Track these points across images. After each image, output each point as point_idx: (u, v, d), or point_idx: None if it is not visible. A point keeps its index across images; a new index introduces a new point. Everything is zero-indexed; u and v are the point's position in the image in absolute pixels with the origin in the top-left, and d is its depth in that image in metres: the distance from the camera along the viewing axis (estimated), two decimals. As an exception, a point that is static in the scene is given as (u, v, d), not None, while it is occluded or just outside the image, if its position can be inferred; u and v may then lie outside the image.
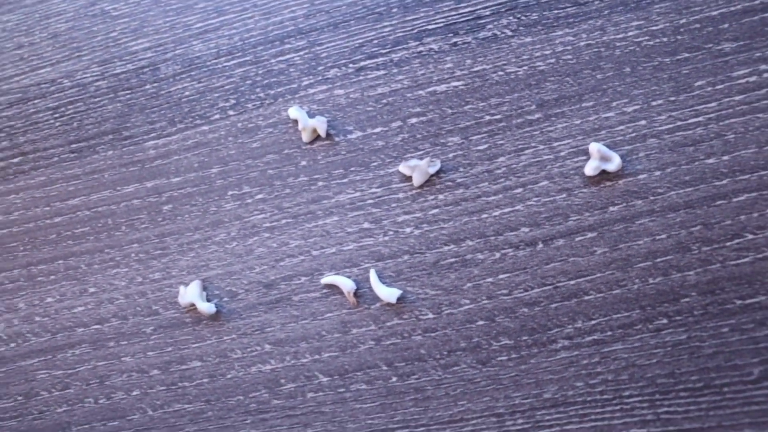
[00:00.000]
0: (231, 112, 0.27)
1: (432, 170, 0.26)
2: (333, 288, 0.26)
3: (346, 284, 0.25)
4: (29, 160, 0.28)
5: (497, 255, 0.25)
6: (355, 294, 0.26)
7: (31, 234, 0.28)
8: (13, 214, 0.28)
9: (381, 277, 0.26)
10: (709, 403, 0.24)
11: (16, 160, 0.29)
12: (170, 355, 0.27)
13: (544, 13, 0.26)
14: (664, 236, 0.25)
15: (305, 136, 0.27)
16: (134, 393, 0.27)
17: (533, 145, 0.26)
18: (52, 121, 0.28)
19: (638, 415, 0.24)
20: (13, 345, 0.28)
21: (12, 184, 0.28)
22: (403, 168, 0.26)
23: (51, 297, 0.28)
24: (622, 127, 0.25)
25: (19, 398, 0.28)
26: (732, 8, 0.25)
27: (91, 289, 0.28)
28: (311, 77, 0.27)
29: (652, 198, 0.25)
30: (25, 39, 0.29)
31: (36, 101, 0.29)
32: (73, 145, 0.28)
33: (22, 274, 0.28)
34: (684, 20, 0.26)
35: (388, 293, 0.25)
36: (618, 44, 0.26)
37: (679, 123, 0.25)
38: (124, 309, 0.27)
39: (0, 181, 0.28)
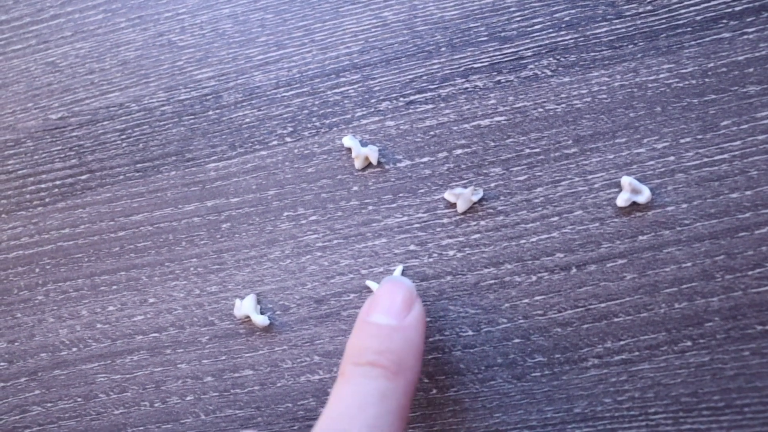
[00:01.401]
0: (288, 139, 0.33)
1: (475, 198, 0.31)
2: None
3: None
4: (96, 177, 0.34)
5: (533, 278, 0.30)
6: None
7: (96, 246, 0.33)
8: (80, 227, 0.34)
9: (423, 295, 0.30)
10: (730, 422, 0.28)
11: (84, 177, 0.34)
12: (224, 364, 0.32)
13: (582, 55, 0.31)
14: (689, 264, 0.29)
15: (357, 164, 0.32)
16: (188, 398, 0.32)
17: (569, 177, 0.30)
18: (119, 142, 0.34)
19: None
20: (75, 350, 0.33)
21: (79, 199, 0.34)
22: (448, 195, 0.31)
23: (112, 306, 0.33)
24: (652, 162, 0.30)
25: (79, 399, 0.33)
26: (757, 54, 0.30)
27: (151, 300, 0.33)
28: (364, 109, 0.32)
29: (679, 228, 0.29)
30: (96, 65, 0.35)
31: (105, 123, 0.34)
32: (139, 165, 0.33)
33: (86, 284, 0.33)
34: (712, 64, 0.30)
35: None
36: (650, 85, 0.31)
37: (705, 159, 0.30)
38: (181, 319, 0.32)
39: (68, 197, 0.34)
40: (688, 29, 0.30)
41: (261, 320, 0.31)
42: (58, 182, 0.34)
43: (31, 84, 0.35)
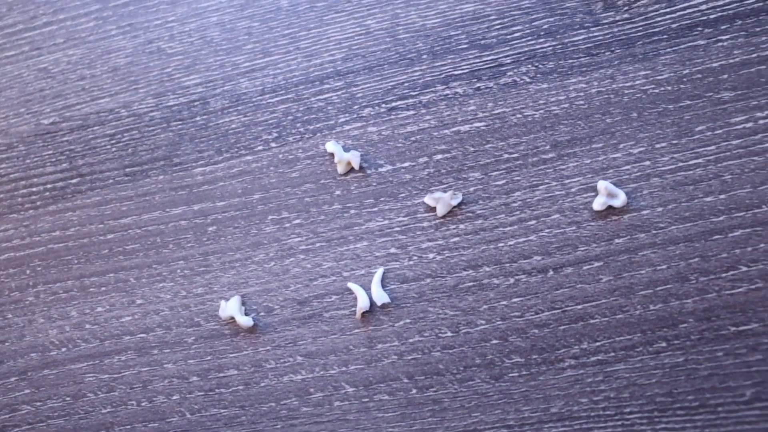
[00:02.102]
0: (273, 144, 0.33)
1: (454, 202, 0.31)
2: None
3: (362, 298, 0.31)
4: (86, 181, 0.35)
5: (511, 280, 0.31)
6: (363, 314, 0.31)
7: (85, 248, 0.34)
8: (70, 230, 0.34)
9: (403, 297, 0.31)
10: (704, 421, 0.28)
11: (74, 181, 0.35)
12: (209, 364, 0.32)
13: (560, 62, 0.32)
14: (664, 267, 0.30)
15: (340, 168, 0.32)
16: (174, 397, 0.32)
17: (547, 181, 0.31)
18: (108, 147, 0.35)
19: (638, 431, 0.29)
20: (64, 350, 0.34)
21: (69, 202, 0.35)
22: (428, 199, 0.32)
23: (101, 307, 0.34)
24: (628, 167, 0.31)
25: (68, 399, 0.33)
26: (731, 61, 0.31)
27: (139, 301, 0.33)
28: (347, 115, 0.33)
29: (654, 232, 0.30)
30: (88, 71, 0.36)
31: (95, 128, 0.35)
32: (128, 169, 0.34)
33: (75, 285, 0.34)
34: (687, 71, 0.31)
35: (379, 295, 0.31)
36: (626, 92, 0.31)
37: (680, 164, 0.30)
38: (168, 320, 0.33)
39: (59, 200, 0.35)
40: (664, 37, 0.31)
41: (245, 321, 0.32)
42: (49, 186, 0.35)
43: (24, 90, 0.36)
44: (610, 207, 0.30)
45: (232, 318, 0.32)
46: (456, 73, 0.32)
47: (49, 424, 0.33)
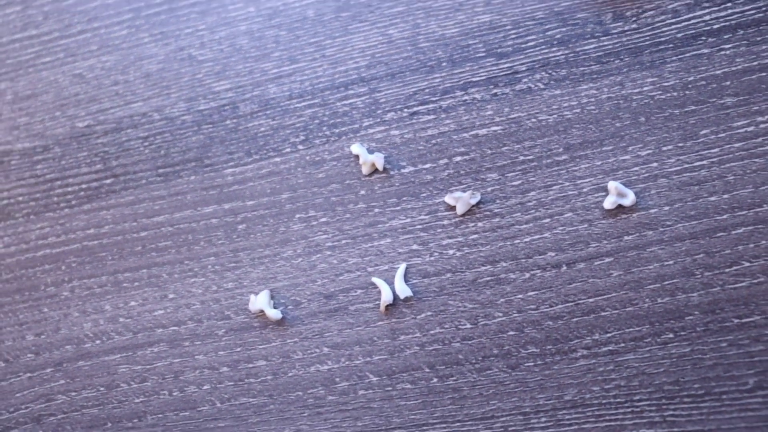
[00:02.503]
0: (300, 147, 0.35)
1: (473, 201, 0.33)
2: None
3: (386, 292, 0.33)
4: (120, 181, 0.36)
5: (527, 275, 0.32)
6: (387, 307, 0.33)
7: (119, 245, 0.36)
8: (104, 228, 0.36)
9: (425, 291, 0.33)
10: (709, 408, 0.30)
11: (108, 181, 0.36)
12: (239, 355, 0.34)
13: (572, 69, 0.34)
14: (671, 262, 0.31)
15: (365, 170, 0.34)
16: (205, 387, 0.34)
17: (560, 182, 0.33)
18: (142, 149, 0.36)
19: (647, 418, 0.30)
20: (98, 342, 0.35)
21: (104, 201, 0.36)
22: (448, 199, 0.33)
23: (134, 301, 0.35)
24: (636, 168, 0.32)
25: (101, 389, 0.35)
26: (734, 68, 0.33)
27: (171, 296, 0.35)
28: (371, 119, 0.35)
29: (661, 229, 0.32)
30: (121, 77, 0.37)
31: (128, 131, 0.37)
32: (160, 170, 0.36)
33: (109, 280, 0.36)
34: (692, 78, 0.33)
35: (402, 289, 0.32)
36: (635, 97, 0.33)
37: (686, 165, 0.32)
38: (199, 313, 0.35)
39: (93, 199, 0.36)
40: (670, 45, 0.33)
41: (274, 314, 0.33)
42: (84, 186, 0.36)
43: (60, 94, 0.37)
44: (620, 206, 0.32)
45: (262, 311, 0.34)
46: (474, 79, 0.34)
47: (84, 413, 0.35)
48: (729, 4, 0.33)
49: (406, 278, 0.33)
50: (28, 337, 0.36)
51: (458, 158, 0.34)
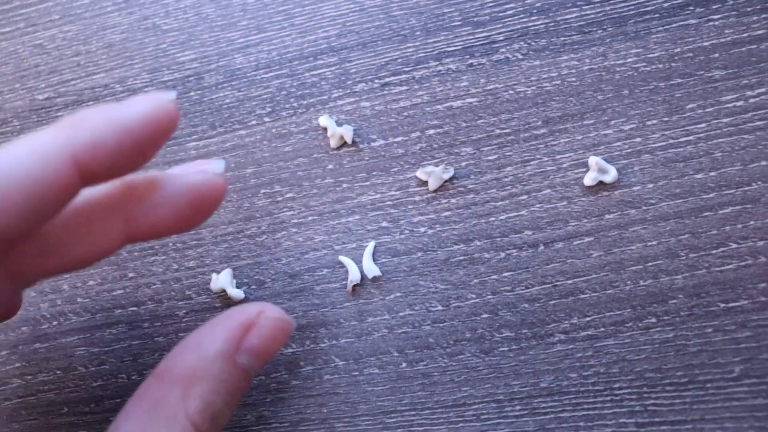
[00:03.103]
0: (266, 119, 0.33)
1: (446, 176, 0.31)
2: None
3: (353, 272, 0.31)
4: (80, 156, 0.35)
5: (502, 255, 0.31)
6: (354, 287, 0.31)
7: (78, 223, 0.34)
8: (63, 204, 0.34)
9: (394, 271, 0.31)
10: (693, 397, 0.28)
11: (68, 156, 0.35)
12: (200, 338, 0.32)
13: (552, 39, 0.32)
14: (654, 243, 0.30)
15: (333, 143, 0.32)
16: (165, 371, 0.32)
17: (538, 157, 0.31)
18: (103, 122, 0.35)
19: (627, 406, 0.29)
20: (55, 323, 0.34)
21: (63, 177, 0.35)
22: (420, 174, 0.32)
23: (93, 280, 0.34)
24: (619, 144, 0.31)
25: (58, 372, 0.33)
26: (722, 40, 0.31)
27: (131, 275, 0.33)
28: (340, 90, 0.33)
29: (644, 208, 0.30)
30: (83, 47, 0.36)
31: (90, 103, 0.35)
32: (121, 144, 0.34)
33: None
34: (678, 49, 0.31)
35: (370, 269, 0.31)
36: (618, 69, 0.31)
37: (671, 141, 0.31)
38: (159, 293, 0.33)
39: (52, 175, 0.35)
40: (656, 15, 0.31)
41: (236, 294, 0.32)
42: (42, 160, 0.35)
43: (19, 65, 0.36)
44: (601, 183, 0.30)
45: (224, 291, 0.32)
46: (449, 49, 0.32)
47: (39, 398, 0.33)
48: (717, -32, 0.32)
49: (375, 257, 0.31)
50: (-17, 318, 0.34)
51: (431, 131, 0.32)
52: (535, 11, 0.32)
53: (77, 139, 0.21)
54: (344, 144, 0.32)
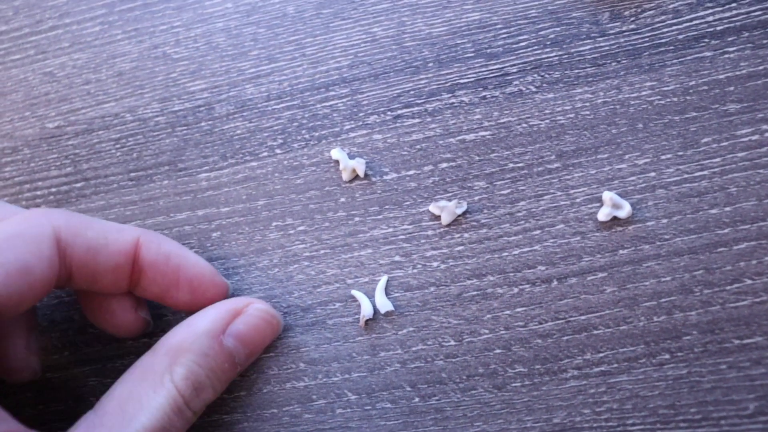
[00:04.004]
0: (278, 151, 0.33)
1: (459, 211, 0.31)
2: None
3: (366, 306, 0.31)
4: (91, 185, 0.34)
5: (515, 290, 0.31)
6: (367, 322, 0.31)
7: (89, 253, 0.34)
8: (74, 234, 0.34)
9: (407, 306, 0.31)
10: None
11: (78, 185, 0.34)
12: (212, 370, 0.32)
13: (566, 72, 0.32)
14: (668, 278, 0.30)
15: (345, 176, 0.32)
16: (177, 403, 0.32)
17: (552, 191, 0.31)
18: (113, 151, 0.35)
19: None
20: (66, 353, 0.33)
21: (74, 206, 0.34)
22: (432, 208, 0.31)
23: (104, 312, 0.33)
24: (633, 178, 0.31)
25: (70, 402, 0.33)
26: (738, 72, 0.31)
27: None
28: (353, 122, 0.33)
29: (658, 243, 0.30)
30: (93, 76, 0.35)
31: (100, 132, 0.35)
32: (132, 174, 0.34)
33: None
34: (693, 82, 0.31)
35: (383, 303, 0.31)
36: (632, 102, 0.31)
37: (685, 176, 0.30)
38: (171, 325, 0.32)
39: (63, 203, 0.34)
40: (671, 48, 0.31)
41: (248, 328, 0.31)
42: (53, 189, 0.34)
43: (29, 93, 0.35)
44: (614, 218, 0.30)
45: (236, 324, 0.32)
46: (462, 81, 0.32)
47: (52, 427, 0.33)
48: (734, 5, 0.31)
49: (388, 291, 0.31)
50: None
51: (444, 165, 0.32)
52: (548, 43, 0.32)
53: None
54: (356, 177, 0.32)
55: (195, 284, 0.30)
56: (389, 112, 0.32)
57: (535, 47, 0.32)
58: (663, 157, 0.30)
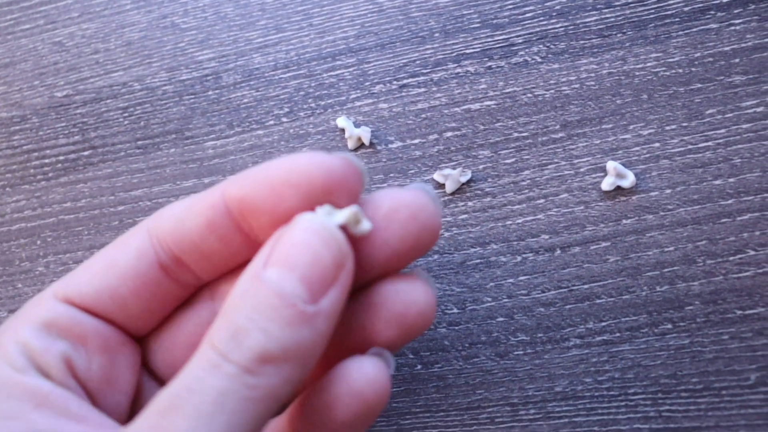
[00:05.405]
0: (284, 119, 0.33)
1: (463, 179, 0.31)
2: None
3: None
4: (98, 153, 0.34)
5: (518, 258, 0.30)
6: None
7: (96, 220, 0.34)
8: (81, 201, 0.34)
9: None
10: (708, 404, 0.28)
11: (86, 153, 0.34)
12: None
13: (572, 42, 0.32)
14: (671, 248, 0.30)
15: (350, 144, 0.32)
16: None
17: (556, 161, 0.31)
18: (121, 120, 0.34)
19: (641, 412, 0.28)
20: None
21: (81, 174, 0.34)
22: (437, 176, 0.31)
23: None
24: (637, 148, 0.30)
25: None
26: (743, 45, 0.31)
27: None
28: (359, 91, 0.33)
29: (662, 213, 0.30)
30: (102, 45, 0.35)
31: (108, 101, 0.35)
32: (139, 142, 0.34)
33: (85, 256, 0.34)
34: (698, 54, 0.31)
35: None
36: (637, 73, 0.31)
37: (690, 147, 0.30)
38: (176, 292, 0.33)
39: (71, 171, 0.34)
40: (676, 19, 0.31)
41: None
42: (61, 157, 0.34)
43: (38, 63, 0.35)
44: (618, 188, 0.30)
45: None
46: (468, 51, 0.32)
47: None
48: (740, -27, 0.31)
49: (391, 259, 0.31)
50: (1, 313, 0.34)
51: (449, 134, 0.31)
52: (554, 14, 0.32)
53: None
54: (362, 145, 0.32)
55: None
56: (395, 82, 0.32)
57: (541, 18, 0.32)
58: (667, 127, 0.30)
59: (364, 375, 0.20)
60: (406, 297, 0.21)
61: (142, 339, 0.23)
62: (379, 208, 0.21)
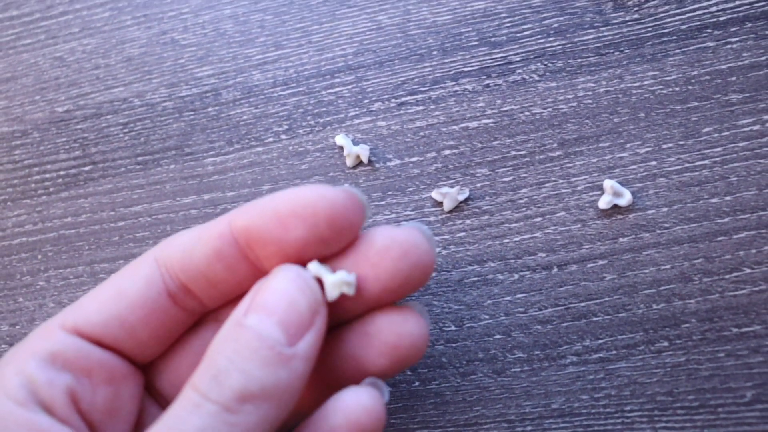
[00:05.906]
0: (283, 137, 0.33)
1: (461, 197, 0.31)
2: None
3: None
4: (99, 169, 0.35)
5: (516, 276, 0.31)
6: None
7: (96, 235, 0.34)
8: (81, 216, 0.34)
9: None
10: (704, 421, 0.28)
11: (87, 168, 0.35)
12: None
13: (569, 61, 0.32)
14: (668, 266, 0.30)
15: (349, 162, 0.32)
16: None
17: (553, 179, 0.31)
18: (121, 135, 0.35)
19: (638, 429, 0.28)
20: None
21: (82, 189, 0.34)
22: (435, 194, 0.31)
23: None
24: (634, 167, 0.30)
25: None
26: (740, 63, 0.31)
27: (148, 288, 0.33)
28: (357, 109, 0.33)
29: (658, 231, 0.30)
30: (102, 61, 0.35)
31: (108, 117, 0.35)
32: (140, 158, 0.34)
33: (85, 271, 0.34)
34: (695, 72, 0.31)
35: None
36: (634, 92, 0.31)
37: (686, 165, 0.30)
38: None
39: (71, 187, 0.35)
40: (673, 38, 0.31)
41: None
42: (62, 173, 0.35)
43: (39, 77, 0.36)
44: (615, 206, 0.30)
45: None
46: (466, 69, 0.32)
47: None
48: (737, -6, 0.31)
49: (390, 276, 0.31)
50: (2, 327, 0.34)
51: (447, 152, 0.32)
52: (552, 32, 0.32)
53: None
54: (360, 163, 0.32)
55: None
56: (393, 100, 0.32)
57: (539, 36, 0.32)
58: (664, 146, 0.30)
59: (361, 405, 0.20)
60: (399, 328, 0.21)
61: (146, 365, 0.23)
62: (373, 245, 0.21)
